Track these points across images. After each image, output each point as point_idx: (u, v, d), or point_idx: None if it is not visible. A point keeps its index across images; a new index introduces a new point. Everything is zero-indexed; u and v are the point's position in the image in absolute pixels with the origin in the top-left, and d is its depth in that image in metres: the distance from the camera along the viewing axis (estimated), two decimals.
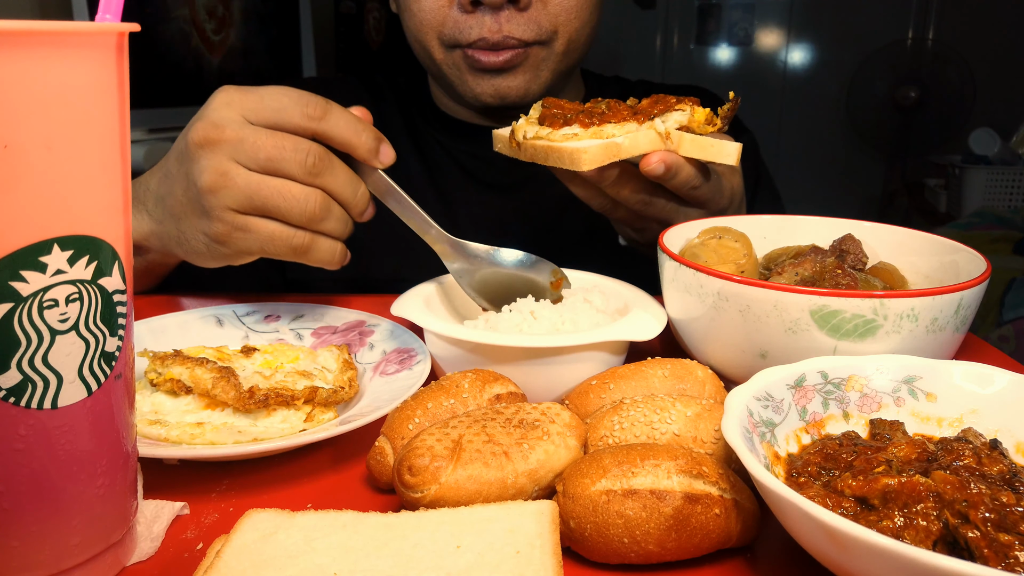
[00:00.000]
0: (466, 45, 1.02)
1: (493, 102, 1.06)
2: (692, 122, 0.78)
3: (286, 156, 0.69)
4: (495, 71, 1.03)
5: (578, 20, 1.04)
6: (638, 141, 0.77)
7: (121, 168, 0.42)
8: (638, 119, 0.78)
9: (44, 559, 0.43)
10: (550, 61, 1.05)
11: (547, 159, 0.78)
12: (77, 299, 0.40)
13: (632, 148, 0.77)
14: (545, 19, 1.01)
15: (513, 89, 1.05)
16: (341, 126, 0.71)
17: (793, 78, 4.29)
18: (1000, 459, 0.50)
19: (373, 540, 0.46)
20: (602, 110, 0.79)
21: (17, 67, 0.36)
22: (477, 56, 1.02)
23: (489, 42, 1.00)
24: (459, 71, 1.06)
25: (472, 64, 1.03)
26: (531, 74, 1.05)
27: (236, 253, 0.73)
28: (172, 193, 0.74)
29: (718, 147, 0.76)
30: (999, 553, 0.41)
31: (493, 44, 1.00)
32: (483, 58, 1.02)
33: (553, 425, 0.55)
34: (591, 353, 0.70)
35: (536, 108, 0.85)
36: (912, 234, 0.83)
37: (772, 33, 4.27)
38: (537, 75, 1.06)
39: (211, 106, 0.70)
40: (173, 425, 0.62)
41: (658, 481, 0.49)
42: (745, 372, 0.64)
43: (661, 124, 0.77)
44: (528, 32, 1.01)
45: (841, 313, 0.62)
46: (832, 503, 0.47)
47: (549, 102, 0.83)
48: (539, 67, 1.05)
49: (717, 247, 0.77)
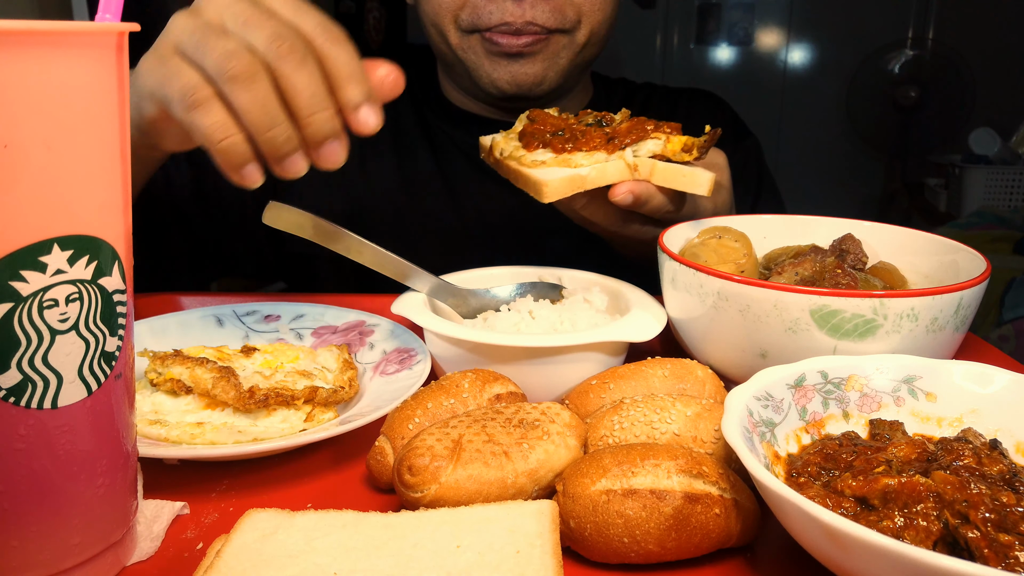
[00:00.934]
0: (485, 29, 1.01)
1: (509, 88, 1.05)
2: (667, 151, 0.77)
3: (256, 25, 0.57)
4: (513, 56, 1.02)
5: (602, 12, 1.04)
6: (606, 172, 0.76)
7: (121, 168, 0.42)
8: (609, 148, 0.77)
9: (44, 559, 0.43)
10: (569, 50, 1.05)
11: (517, 181, 0.78)
12: (77, 299, 0.40)
13: (599, 179, 0.76)
14: (570, 8, 1.01)
15: (530, 76, 1.04)
16: (340, 56, 0.59)
17: (793, 78, 4.29)
18: (1000, 459, 0.50)
19: (373, 540, 0.46)
20: (582, 129, 0.79)
21: (17, 67, 0.36)
22: (496, 39, 1.01)
23: (512, 27, 0.99)
24: (476, 56, 1.05)
25: (490, 48, 1.02)
26: (549, 61, 1.04)
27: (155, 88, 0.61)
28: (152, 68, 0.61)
29: (690, 176, 0.75)
30: (999, 553, 0.41)
31: (516, 29, 0.99)
32: (503, 41, 1.01)
33: (553, 425, 0.55)
34: (590, 353, 0.70)
35: (521, 120, 0.84)
36: (912, 234, 0.83)
37: (772, 33, 4.27)
38: (555, 62, 1.05)
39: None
40: (173, 425, 0.62)
41: (658, 481, 0.49)
42: (745, 372, 0.64)
43: (631, 155, 0.76)
44: (552, 19, 1.00)
45: (841, 313, 0.62)
46: (832, 503, 0.47)
47: (535, 114, 0.82)
48: (558, 55, 1.04)
49: (717, 247, 0.77)
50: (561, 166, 0.76)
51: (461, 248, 1.13)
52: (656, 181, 0.76)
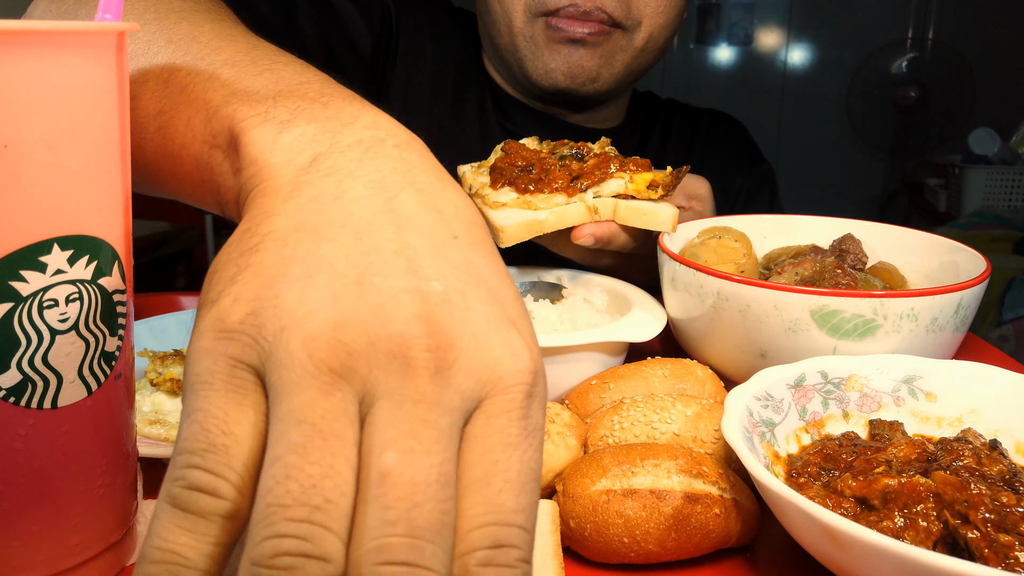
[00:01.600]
0: (552, 12, 1.00)
1: (563, 81, 1.04)
2: (630, 190, 0.76)
3: None
4: (574, 42, 1.02)
5: (664, 16, 1.04)
6: (566, 215, 0.75)
7: (121, 168, 0.42)
8: (570, 191, 0.76)
9: (44, 559, 0.43)
10: (626, 53, 1.04)
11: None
12: (77, 299, 0.40)
13: (559, 223, 0.75)
14: (635, 5, 1.01)
15: (586, 70, 1.03)
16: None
17: (793, 78, 4.29)
18: (1000, 459, 0.50)
19: None
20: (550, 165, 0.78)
21: (17, 67, 0.36)
22: (560, 24, 1.00)
23: (580, 9, 0.99)
24: (534, 44, 1.04)
25: (552, 35, 1.02)
26: (606, 59, 1.03)
27: None
28: None
29: (652, 215, 0.74)
30: (999, 554, 0.41)
31: (583, 12, 0.99)
32: (567, 26, 1.00)
33: (553, 425, 0.55)
34: (590, 353, 0.70)
35: (496, 151, 0.84)
36: (912, 234, 0.83)
37: (772, 33, 4.27)
38: (611, 62, 1.04)
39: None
40: (173, 425, 0.62)
41: (658, 481, 0.49)
42: (745, 372, 0.64)
43: (591, 197, 0.75)
44: (618, 10, 1.00)
45: (841, 313, 0.62)
46: (832, 504, 0.47)
47: (509, 146, 0.82)
48: (615, 54, 1.04)
49: (717, 247, 0.77)
50: (522, 208, 0.76)
51: None
52: (619, 220, 0.75)
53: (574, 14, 0.99)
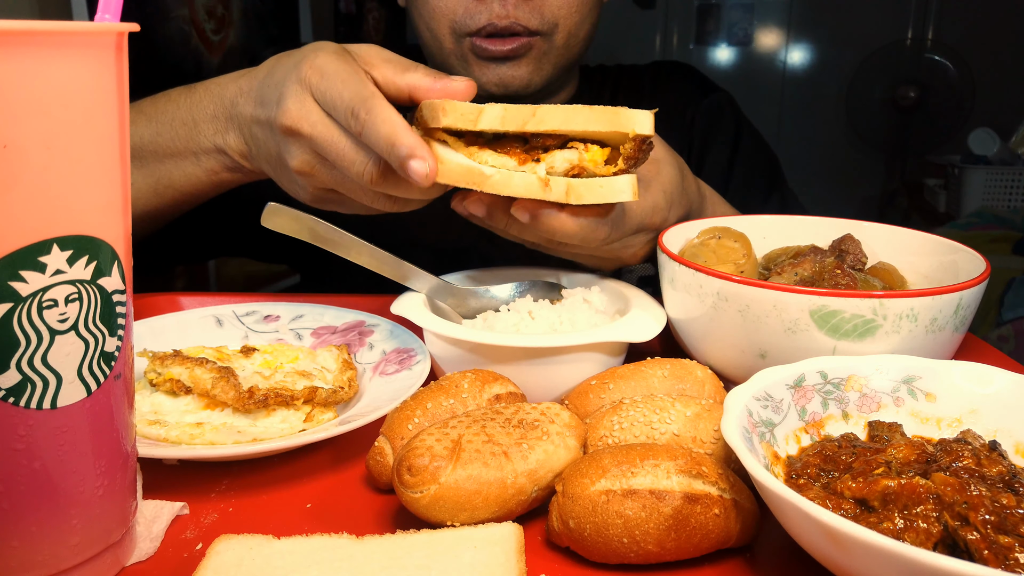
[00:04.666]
0: (474, 32, 1.06)
1: (497, 91, 1.10)
2: (586, 162, 0.68)
3: (345, 166, 0.73)
4: (500, 59, 1.07)
5: (578, 14, 1.09)
6: (511, 181, 0.68)
7: (121, 168, 0.42)
8: (522, 158, 0.69)
9: (44, 559, 0.43)
10: (551, 54, 1.10)
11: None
12: (76, 299, 0.40)
13: (502, 186, 0.68)
14: (548, 10, 1.06)
15: (517, 79, 1.09)
16: (373, 139, 0.69)
17: (793, 78, 4.29)
18: (999, 460, 0.50)
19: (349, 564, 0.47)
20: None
21: (17, 67, 0.36)
22: (484, 45, 1.06)
23: (497, 27, 1.04)
24: (465, 62, 1.10)
25: (479, 53, 1.07)
26: (534, 65, 1.09)
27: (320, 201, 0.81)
28: (265, 145, 0.79)
29: (608, 186, 0.67)
30: (999, 555, 0.41)
31: (500, 29, 1.04)
32: (490, 46, 1.06)
33: (553, 425, 0.55)
34: (590, 353, 0.70)
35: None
36: (911, 234, 0.83)
37: (772, 33, 4.27)
38: (540, 67, 1.10)
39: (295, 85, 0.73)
40: (173, 425, 0.62)
41: (657, 481, 0.49)
42: (745, 372, 0.64)
43: (543, 168, 0.68)
44: (533, 20, 1.05)
45: (840, 313, 0.62)
46: (832, 505, 0.47)
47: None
48: (541, 59, 1.09)
49: (716, 247, 0.77)
50: (469, 157, 0.70)
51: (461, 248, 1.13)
52: (574, 200, 0.68)
53: (494, 31, 1.05)
